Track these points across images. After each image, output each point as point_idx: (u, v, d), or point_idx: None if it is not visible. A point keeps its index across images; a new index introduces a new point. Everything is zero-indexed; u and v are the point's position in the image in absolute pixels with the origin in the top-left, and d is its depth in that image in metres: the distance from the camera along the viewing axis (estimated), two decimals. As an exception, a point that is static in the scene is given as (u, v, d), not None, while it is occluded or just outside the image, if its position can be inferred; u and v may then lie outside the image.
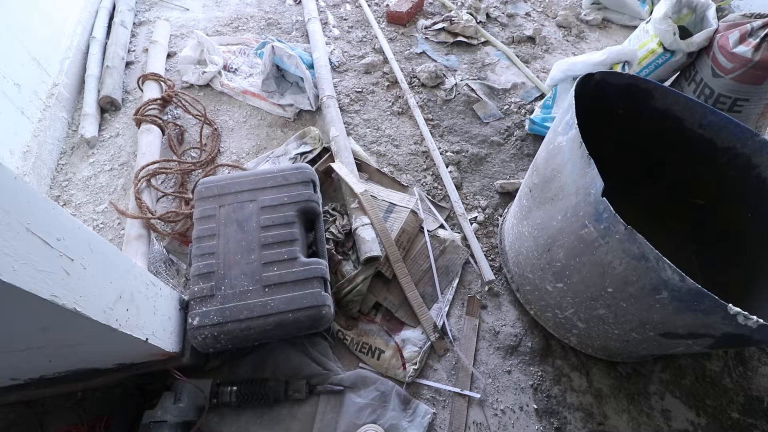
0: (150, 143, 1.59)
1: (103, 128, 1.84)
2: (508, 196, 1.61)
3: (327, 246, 1.28)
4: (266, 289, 1.11)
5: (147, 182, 1.44)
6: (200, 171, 1.63)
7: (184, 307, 1.15)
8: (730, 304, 0.78)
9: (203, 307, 1.09)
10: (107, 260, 0.87)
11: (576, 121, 1.04)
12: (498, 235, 1.49)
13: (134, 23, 2.32)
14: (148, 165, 1.47)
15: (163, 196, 1.52)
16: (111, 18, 2.27)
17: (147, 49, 2.11)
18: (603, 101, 1.34)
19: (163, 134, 1.71)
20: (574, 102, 1.10)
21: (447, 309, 1.30)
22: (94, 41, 2.09)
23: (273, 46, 1.72)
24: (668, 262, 0.81)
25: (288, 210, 1.24)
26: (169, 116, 1.85)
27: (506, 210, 1.56)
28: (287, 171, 1.31)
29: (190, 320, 1.07)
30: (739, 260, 1.26)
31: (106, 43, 2.13)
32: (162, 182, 1.63)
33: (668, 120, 1.32)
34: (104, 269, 0.86)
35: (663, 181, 1.46)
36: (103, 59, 2.03)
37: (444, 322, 1.27)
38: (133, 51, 2.17)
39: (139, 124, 1.67)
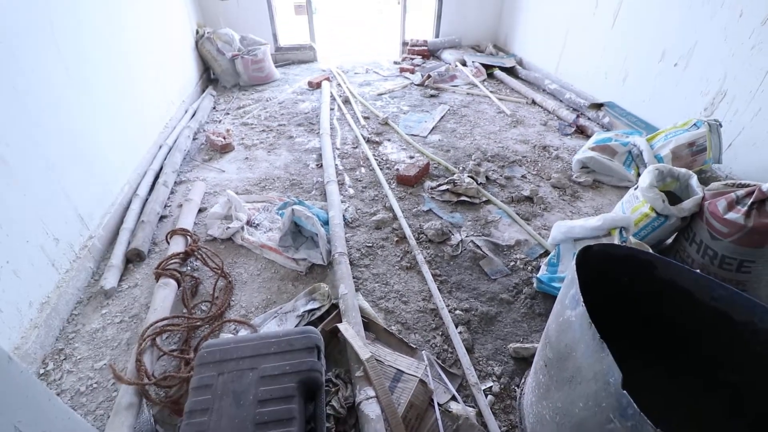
0: (164, 298, 1.63)
1: (123, 278, 1.92)
2: (523, 361, 1.52)
3: (327, 424, 1.17)
4: (254, 484, 0.98)
5: (152, 341, 1.43)
6: (207, 327, 1.63)
7: (159, 504, 1.00)
8: None
9: (180, 506, 0.95)
10: (86, 454, 0.80)
11: (582, 299, 1.04)
12: (518, 412, 1.35)
13: (175, 182, 2.63)
14: (156, 322, 1.48)
15: (163, 355, 1.48)
16: (156, 178, 2.60)
17: (181, 205, 2.35)
18: (606, 270, 1.36)
19: (179, 287, 1.76)
20: (576, 276, 1.13)
21: None
22: (136, 198, 2.35)
23: (293, 209, 1.90)
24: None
25: (289, 381, 1.18)
26: (188, 268, 1.94)
27: (523, 380, 1.45)
28: (292, 336, 1.29)
29: None
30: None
31: (147, 199, 2.40)
32: (167, 337, 1.61)
33: (677, 290, 1.32)
34: (80, 466, 0.78)
35: (687, 353, 1.38)
36: (141, 214, 2.25)
37: None
38: (169, 206, 2.41)
39: (158, 277, 1.74)
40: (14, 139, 1.60)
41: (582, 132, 3.38)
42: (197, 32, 4.32)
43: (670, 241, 2.14)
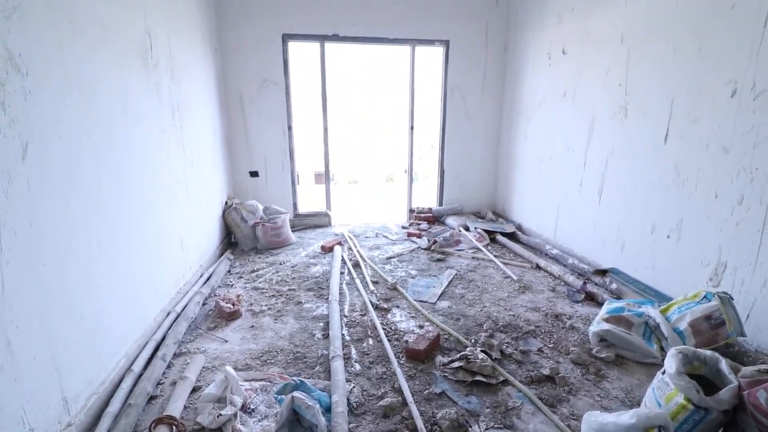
0: None
1: (89, 482, 1.66)
2: None
3: None
4: None
5: None
6: None
7: None
8: None
9: None
10: None
11: None
12: None
13: (174, 353, 2.53)
14: None
15: None
16: (156, 349, 2.51)
17: (175, 383, 2.20)
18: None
19: (150, 499, 1.50)
20: None
21: None
22: (129, 374, 2.22)
23: (293, 397, 1.76)
24: None
25: None
26: (167, 469, 1.68)
27: None
28: None
29: None
30: None
31: (141, 375, 2.26)
32: None
33: None
34: None
35: None
36: (130, 395, 2.09)
37: None
38: (162, 384, 2.26)
39: (129, 486, 1.50)
40: (25, 322, 1.60)
41: (592, 299, 3.35)
42: (226, 203, 4.85)
43: (720, 436, 1.86)
